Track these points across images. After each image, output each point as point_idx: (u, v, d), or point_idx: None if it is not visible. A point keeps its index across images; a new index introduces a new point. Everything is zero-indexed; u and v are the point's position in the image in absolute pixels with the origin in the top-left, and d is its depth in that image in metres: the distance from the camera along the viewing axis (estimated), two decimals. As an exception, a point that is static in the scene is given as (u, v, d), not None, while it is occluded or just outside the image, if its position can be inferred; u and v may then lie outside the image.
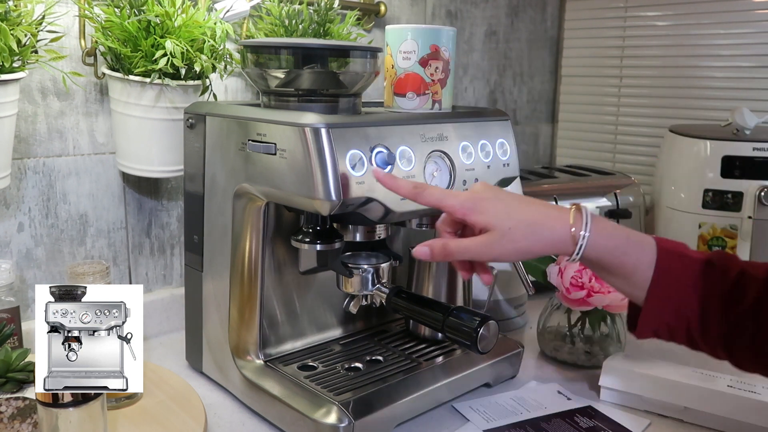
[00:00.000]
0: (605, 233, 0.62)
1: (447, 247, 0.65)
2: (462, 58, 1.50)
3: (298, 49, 0.77)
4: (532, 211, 0.63)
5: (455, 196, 0.65)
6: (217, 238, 0.82)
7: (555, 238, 0.62)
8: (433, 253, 0.65)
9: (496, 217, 0.62)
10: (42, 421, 0.57)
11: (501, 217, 0.62)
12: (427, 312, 0.76)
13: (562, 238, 0.62)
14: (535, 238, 0.62)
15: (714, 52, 1.47)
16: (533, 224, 0.62)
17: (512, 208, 0.63)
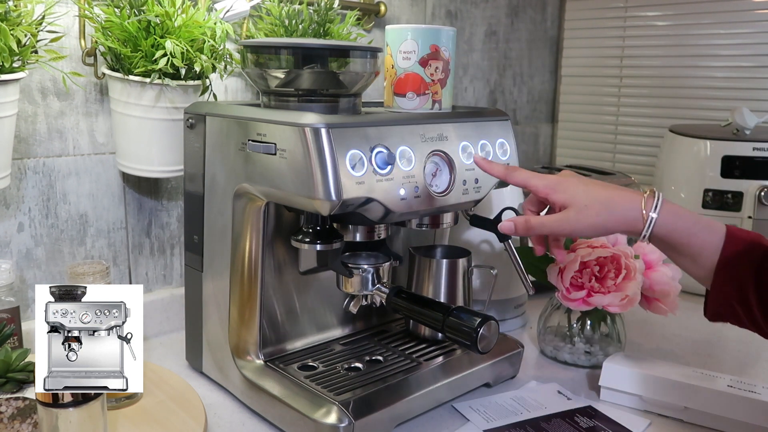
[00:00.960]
0: (674, 215, 0.67)
1: (528, 222, 0.72)
2: (462, 58, 1.50)
3: (298, 49, 0.77)
4: (608, 191, 0.69)
5: (541, 177, 0.73)
6: (217, 238, 0.82)
7: (627, 217, 0.68)
8: (516, 228, 0.73)
9: (573, 196, 0.69)
10: (42, 421, 0.57)
11: (579, 196, 0.69)
12: (427, 312, 0.76)
13: (634, 217, 0.67)
14: (609, 215, 0.68)
15: (714, 52, 1.47)
16: (608, 203, 0.68)
17: (590, 189, 0.70)
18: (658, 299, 0.93)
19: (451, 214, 0.85)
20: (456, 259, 0.93)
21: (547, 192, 0.71)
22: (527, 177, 0.74)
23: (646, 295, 0.93)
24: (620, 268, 0.88)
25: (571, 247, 0.91)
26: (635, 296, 0.88)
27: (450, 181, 0.77)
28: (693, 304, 1.24)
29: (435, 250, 0.98)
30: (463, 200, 0.79)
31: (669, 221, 0.66)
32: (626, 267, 0.88)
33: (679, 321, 1.10)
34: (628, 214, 0.67)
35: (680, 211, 0.67)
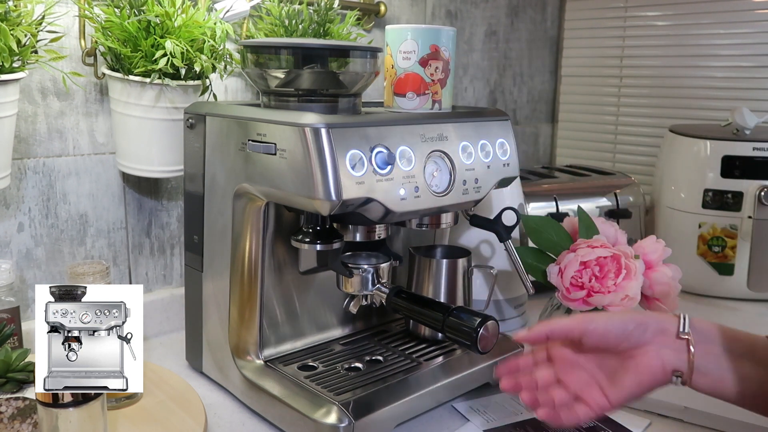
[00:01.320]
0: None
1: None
2: (462, 58, 1.50)
3: (298, 49, 0.77)
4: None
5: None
6: (217, 238, 0.82)
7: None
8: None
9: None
10: (42, 421, 0.57)
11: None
12: (427, 312, 0.76)
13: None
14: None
15: (714, 52, 1.47)
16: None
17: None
18: (658, 299, 0.93)
19: (451, 214, 0.85)
20: (456, 259, 0.93)
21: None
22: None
23: (646, 295, 0.93)
24: (620, 268, 0.88)
25: (571, 247, 0.91)
26: (635, 296, 0.88)
27: (450, 181, 0.77)
28: (693, 304, 1.24)
29: (435, 250, 0.98)
30: (463, 200, 0.79)
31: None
32: (626, 267, 0.88)
33: (679, 321, 1.10)
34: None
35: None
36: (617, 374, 0.62)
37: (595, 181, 1.37)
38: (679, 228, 1.28)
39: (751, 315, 1.20)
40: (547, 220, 0.96)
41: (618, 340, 0.62)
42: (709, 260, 1.26)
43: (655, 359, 0.61)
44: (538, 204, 1.24)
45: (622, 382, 0.61)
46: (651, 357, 0.61)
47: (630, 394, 0.61)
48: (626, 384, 0.61)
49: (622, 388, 0.61)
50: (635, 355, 0.61)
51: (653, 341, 0.61)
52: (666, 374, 0.60)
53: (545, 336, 0.64)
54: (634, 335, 0.62)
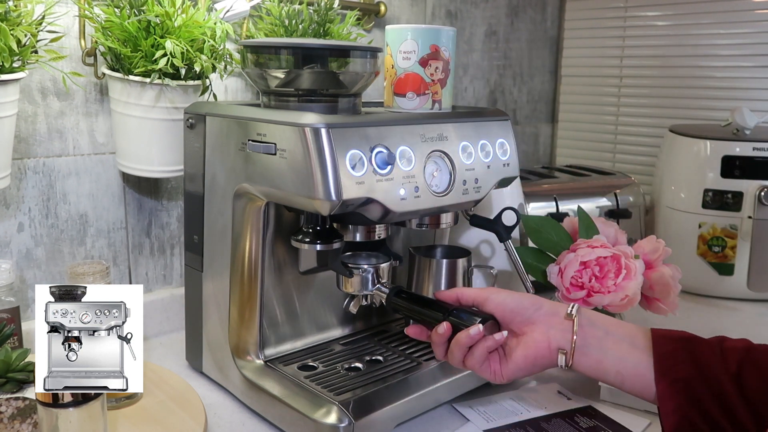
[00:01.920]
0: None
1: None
2: (462, 58, 1.50)
3: (298, 49, 0.77)
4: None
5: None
6: (217, 238, 0.82)
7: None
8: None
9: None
10: (42, 421, 0.57)
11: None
12: (427, 312, 0.76)
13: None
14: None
15: (714, 52, 1.47)
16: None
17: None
18: (658, 299, 0.93)
19: (451, 214, 0.85)
20: (456, 259, 0.93)
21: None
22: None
23: (646, 295, 0.93)
24: (620, 268, 0.88)
25: (571, 247, 0.91)
26: (635, 296, 0.88)
27: (450, 181, 0.77)
28: (693, 304, 1.24)
29: (435, 250, 0.98)
30: (463, 200, 0.79)
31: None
32: (626, 267, 0.88)
33: (679, 321, 1.10)
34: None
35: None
36: (512, 350, 0.68)
37: (595, 181, 1.37)
38: (679, 228, 1.28)
39: (751, 315, 1.20)
40: (547, 220, 0.96)
41: (513, 313, 0.68)
42: (709, 260, 1.26)
43: (542, 335, 0.66)
44: (538, 204, 1.24)
45: (513, 355, 0.67)
46: (539, 333, 0.67)
47: (518, 366, 0.67)
48: (516, 357, 0.67)
49: (512, 361, 0.67)
50: (526, 332, 0.67)
51: (543, 320, 0.67)
52: (551, 351, 0.66)
53: (456, 297, 0.72)
54: (528, 311, 0.68)
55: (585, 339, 0.65)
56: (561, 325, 0.66)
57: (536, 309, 0.68)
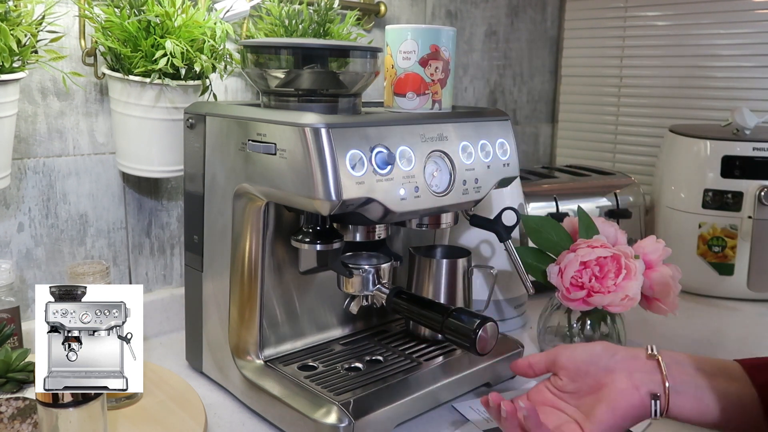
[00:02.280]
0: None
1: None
2: (462, 58, 1.50)
3: (298, 49, 0.77)
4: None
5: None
6: (217, 238, 0.82)
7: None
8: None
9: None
10: (42, 421, 0.57)
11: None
12: (426, 313, 0.76)
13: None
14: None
15: (714, 52, 1.47)
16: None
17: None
18: (658, 299, 0.93)
19: (451, 214, 0.85)
20: (456, 259, 0.93)
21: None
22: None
23: (646, 295, 0.93)
24: (620, 268, 0.88)
25: (571, 247, 0.91)
26: (635, 296, 0.88)
27: (450, 181, 0.77)
28: (693, 304, 1.24)
29: (435, 250, 0.98)
30: (463, 200, 0.79)
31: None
32: (626, 267, 0.88)
33: (679, 321, 1.10)
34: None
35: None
36: (593, 408, 0.61)
37: (595, 181, 1.37)
38: (679, 228, 1.28)
39: (751, 315, 1.20)
40: (547, 220, 0.96)
41: (586, 363, 0.63)
42: (709, 260, 1.26)
43: (626, 382, 0.60)
44: (538, 204, 1.24)
45: (597, 414, 0.60)
46: (622, 381, 0.60)
47: (606, 423, 0.60)
48: (600, 414, 0.60)
49: (597, 419, 0.60)
50: (607, 383, 0.61)
51: (623, 367, 0.61)
52: (642, 398, 0.59)
53: (527, 364, 0.68)
54: (602, 359, 0.62)
55: (676, 378, 0.59)
56: (645, 367, 0.60)
57: (611, 355, 0.62)
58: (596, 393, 0.62)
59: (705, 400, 0.58)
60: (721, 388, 0.58)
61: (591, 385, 0.62)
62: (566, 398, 0.65)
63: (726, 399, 0.57)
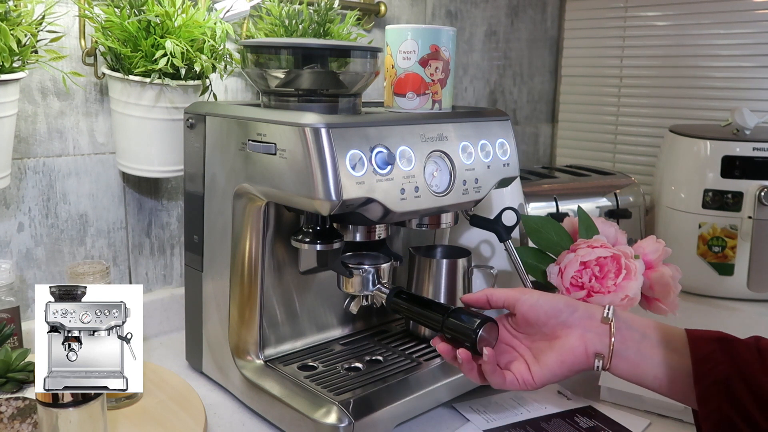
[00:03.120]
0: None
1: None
2: (462, 58, 1.50)
3: (298, 49, 0.77)
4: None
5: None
6: (217, 238, 0.82)
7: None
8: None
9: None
10: (42, 421, 0.57)
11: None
12: (426, 313, 0.76)
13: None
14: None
15: (714, 52, 1.47)
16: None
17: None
18: (658, 299, 0.93)
19: (451, 214, 0.85)
20: (456, 259, 0.93)
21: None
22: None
23: (646, 295, 0.93)
24: (620, 268, 0.88)
25: (571, 247, 0.91)
26: (635, 296, 0.88)
27: (450, 181, 0.77)
28: (693, 304, 1.24)
29: (435, 250, 0.98)
30: (463, 200, 0.79)
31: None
32: (626, 267, 0.88)
33: (679, 321, 1.10)
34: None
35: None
36: (543, 353, 0.66)
37: (595, 181, 1.37)
38: (679, 228, 1.28)
39: (751, 315, 1.20)
40: (547, 220, 0.96)
41: (547, 315, 0.67)
42: (709, 260, 1.26)
43: (578, 340, 0.65)
44: (538, 204, 1.24)
45: (546, 360, 0.66)
46: (575, 338, 0.65)
47: (552, 371, 0.65)
48: (549, 362, 0.65)
49: (545, 365, 0.65)
50: (561, 336, 0.66)
51: (579, 324, 0.66)
52: (588, 356, 0.64)
53: (485, 299, 0.71)
54: (563, 314, 0.66)
55: (623, 343, 0.64)
56: (598, 328, 0.65)
57: (571, 312, 0.66)
58: (549, 341, 0.67)
59: (642, 366, 0.63)
60: (660, 357, 0.63)
61: (546, 333, 0.67)
62: (519, 338, 0.70)
63: (662, 368, 0.63)
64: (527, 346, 0.70)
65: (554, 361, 0.65)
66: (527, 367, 0.67)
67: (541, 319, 0.67)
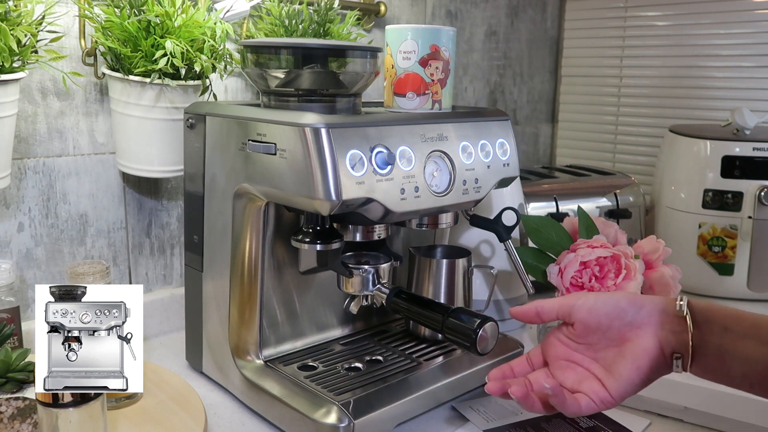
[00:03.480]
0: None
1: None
2: (462, 58, 1.50)
3: (298, 49, 0.77)
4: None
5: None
6: (217, 238, 0.82)
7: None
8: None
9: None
10: (42, 421, 0.57)
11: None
12: (426, 313, 0.76)
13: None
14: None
15: (714, 52, 1.47)
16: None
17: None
18: (658, 299, 0.93)
19: (451, 214, 0.85)
20: (456, 259, 0.93)
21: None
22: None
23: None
24: (620, 268, 0.88)
25: (571, 247, 0.91)
26: (635, 296, 0.88)
27: (450, 181, 0.77)
28: (693, 304, 1.24)
29: (435, 250, 0.98)
30: (463, 200, 0.79)
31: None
32: (626, 267, 0.88)
33: (679, 321, 1.10)
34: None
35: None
36: (614, 363, 0.57)
37: (595, 181, 1.37)
38: (679, 228, 1.28)
39: (751, 315, 1.20)
40: (547, 220, 0.96)
41: (609, 318, 0.58)
42: (709, 260, 1.25)
43: (652, 340, 0.57)
44: (538, 204, 1.24)
45: (620, 370, 0.57)
46: (647, 338, 0.57)
47: (630, 382, 0.56)
48: (624, 371, 0.57)
49: (620, 376, 0.57)
50: (631, 338, 0.57)
51: (649, 321, 0.57)
52: (665, 357, 0.56)
53: (535, 312, 0.62)
54: (628, 313, 0.58)
55: (702, 339, 0.55)
56: (671, 324, 0.56)
57: (637, 309, 0.58)
58: (619, 347, 0.58)
59: (727, 363, 0.55)
60: (748, 351, 0.54)
61: (612, 338, 0.58)
62: (582, 350, 0.61)
63: (750, 363, 0.54)
64: (593, 358, 0.60)
65: (629, 369, 0.56)
66: (600, 383, 0.58)
67: (604, 323, 0.58)
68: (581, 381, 0.59)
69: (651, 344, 0.57)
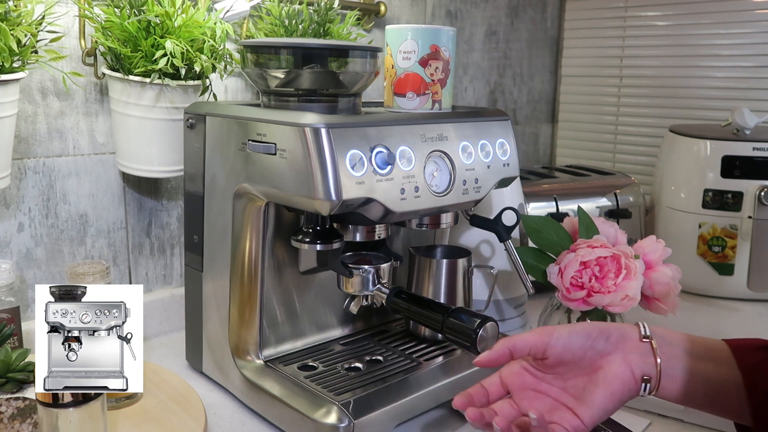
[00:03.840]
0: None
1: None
2: (462, 58, 1.50)
3: (298, 49, 0.77)
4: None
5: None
6: (217, 238, 0.82)
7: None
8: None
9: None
10: (42, 421, 0.57)
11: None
12: (426, 313, 0.76)
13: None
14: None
15: (714, 52, 1.47)
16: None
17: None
18: (658, 299, 0.93)
19: (451, 214, 0.85)
20: (456, 259, 0.93)
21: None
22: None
23: (646, 295, 0.93)
24: (620, 268, 0.88)
25: (571, 247, 0.91)
26: (635, 296, 0.88)
27: (450, 181, 0.77)
28: (693, 304, 1.24)
29: (435, 250, 0.98)
30: (463, 200, 0.79)
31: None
32: (626, 267, 0.88)
33: (679, 321, 1.10)
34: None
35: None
36: (586, 391, 0.58)
37: (595, 181, 1.37)
38: (679, 228, 1.28)
39: (751, 315, 1.20)
40: (547, 220, 0.96)
41: (583, 349, 0.59)
42: (709, 260, 1.26)
43: (623, 366, 0.58)
44: (538, 204, 1.24)
45: (593, 397, 0.57)
46: (618, 364, 0.58)
47: (603, 408, 0.57)
48: (597, 398, 0.57)
49: (594, 404, 0.57)
50: (602, 366, 0.59)
51: (618, 348, 0.59)
52: (636, 381, 0.58)
53: (508, 353, 0.60)
54: (599, 343, 0.59)
55: (668, 361, 0.58)
56: (638, 348, 0.59)
57: (606, 338, 0.59)
58: (589, 375, 0.59)
59: (692, 384, 0.58)
60: (708, 372, 0.57)
61: (584, 367, 0.59)
62: (549, 380, 0.61)
63: (711, 384, 0.57)
64: (561, 388, 0.60)
65: (603, 396, 0.57)
66: (571, 412, 0.58)
67: (577, 355, 0.59)
68: (551, 411, 0.59)
69: (622, 369, 0.58)
